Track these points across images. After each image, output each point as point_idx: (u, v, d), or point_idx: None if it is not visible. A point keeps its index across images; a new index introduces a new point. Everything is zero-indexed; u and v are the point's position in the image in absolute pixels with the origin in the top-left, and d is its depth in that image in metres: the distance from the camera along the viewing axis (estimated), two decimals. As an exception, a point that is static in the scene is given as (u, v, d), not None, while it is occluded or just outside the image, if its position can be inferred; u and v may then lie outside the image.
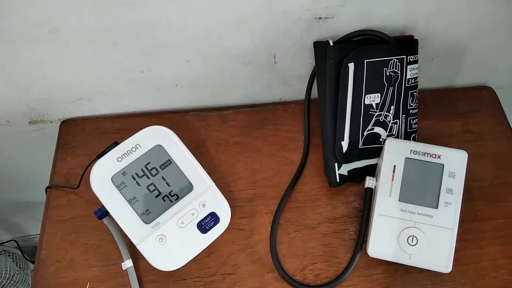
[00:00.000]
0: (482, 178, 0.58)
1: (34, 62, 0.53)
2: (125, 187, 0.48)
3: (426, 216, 0.49)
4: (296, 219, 0.55)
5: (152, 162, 0.49)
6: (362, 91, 0.53)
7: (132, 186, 0.48)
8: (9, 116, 0.63)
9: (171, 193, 0.49)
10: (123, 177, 0.48)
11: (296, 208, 0.56)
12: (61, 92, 0.59)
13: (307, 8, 0.50)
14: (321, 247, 0.53)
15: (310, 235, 0.54)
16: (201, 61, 0.56)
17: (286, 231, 0.54)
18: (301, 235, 0.54)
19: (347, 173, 0.56)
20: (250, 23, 0.51)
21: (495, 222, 0.55)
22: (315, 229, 0.54)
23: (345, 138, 0.54)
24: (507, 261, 0.52)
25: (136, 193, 0.48)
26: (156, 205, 0.48)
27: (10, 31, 0.48)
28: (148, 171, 0.49)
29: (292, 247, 0.53)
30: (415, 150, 0.51)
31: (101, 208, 0.49)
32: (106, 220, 0.50)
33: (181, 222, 0.49)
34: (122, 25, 0.49)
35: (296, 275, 0.51)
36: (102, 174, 0.48)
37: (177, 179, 0.50)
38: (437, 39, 0.58)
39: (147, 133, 0.50)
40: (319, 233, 0.54)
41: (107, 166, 0.48)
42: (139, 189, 0.48)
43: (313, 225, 0.55)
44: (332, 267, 0.52)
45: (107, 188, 0.47)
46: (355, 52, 0.52)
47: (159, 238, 0.48)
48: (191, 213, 0.49)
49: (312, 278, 0.51)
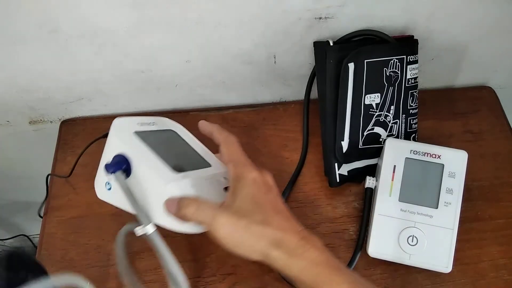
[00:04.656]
0: (482, 178, 0.58)
1: (34, 62, 0.53)
2: (150, 142, 0.43)
3: (426, 216, 0.49)
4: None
5: (172, 137, 0.49)
6: (362, 91, 0.53)
7: (156, 146, 0.43)
8: (9, 116, 0.63)
9: (197, 158, 0.49)
10: (146, 136, 0.44)
11: (296, 208, 0.56)
12: (61, 92, 0.59)
13: (307, 8, 0.50)
14: (321, 247, 0.53)
15: (310, 235, 0.54)
16: (201, 61, 0.56)
17: (286, 231, 0.54)
18: (301, 235, 0.54)
19: (347, 173, 0.56)
20: (250, 23, 0.51)
21: (495, 222, 0.55)
22: (315, 229, 0.54)
23: (345, 138, 0.54)
24: (507, 261, 0.52)
25: (161, 153, 0.43)
26: (183, 163, 0.45)
27: (10, 31, 0.48)
28: (169, 143, 0.48)
29: (292, 247, 0.53)
30: (415, 150, 0.51)
31: (115, 158, 0.42)
32: (118, 175, 0.41)
33: (209, 182, 0.45)
34: (122, 25, 0.49)
35: (296, 275, 0.51)
36: (124, 127, 0.44)
37: (195, 157, 0.49)
38: (437, 39, 0.58)
39: (159, 119, 0.50)
40: (319, 233, 0.54)
41: (128, 123, 0.45)
42: (163, 151, 0.44)
43: (313, 225, 0.55)
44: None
45: (130, 138, 0.43)
46: (355, 52, 0.52)
47: (190, 185, 0.42)
48: (216, 179, 0.47)
49: (312, 278, 0.51)
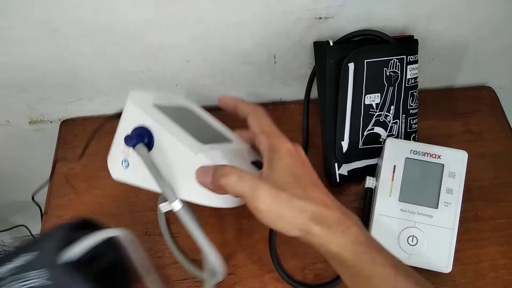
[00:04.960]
0: (482, 178, 0.58)
1: (34, 62, 0.53)
2: (171, 115, 0.40)
3: (426, 216, 0.49)
4: (296, 219, 0.55)
5: (187, 114, 0.45)
6: (362, 91, 0.53)
7: (178, 120, 0.40)
8: (9, 116, 0.63)
9: (214, 135, 0.45)
10: (165, 110, 0.40)
11: (296, 208, 0.56)
12: (61, 92, 0.59)
13: (307, 8, 0.50)
14: (321, 247, 0.53)
15: (310, 235, 0.54)
16: (201, 61, 0.56)
17: (286, 231, 0.54)
18: (301, 235, 0.54)
19: (347, 173, 0.56)
20: (250, 23, 0.51)
21: (495, 222, 0.55)
22: (315, 229, 0.54)
23: (345, 138, 0.54)
24: (507, 261, 0.52)
25: (184, 125, 0.40)
26: (207, 137, 0.41)
27: (10, 31, 0.48)
28: (188, 118, 0.44)
29: (292, 247, 0.53)
30: (415, 150, 0.51)
31: (135, 131, 0.38)
32: (140, 148, 0.37)
33: (235, 155, 0.42)
34: (122, 25, 0.49)
35: (296, 275, 0.51)
36: (141, 99, 0.40)
37: (215, 133, 0.45)
38: (437, 39, 0.58)
39: (174, 96, 0.47)
40: (319, 233, 0.54)
41: (145, 96, 0.41)
42: (185, 124, 0.40)
43: (313, 225, 0.55)
44: (332, 267, 0.52)
45: (150, 109, 0.39)
46: (355, 52, 0.52)
47: (220, 156, 0.39)
48: (240, 154, 0.43)
49: (312, 278, 0.51)
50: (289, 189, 0.35)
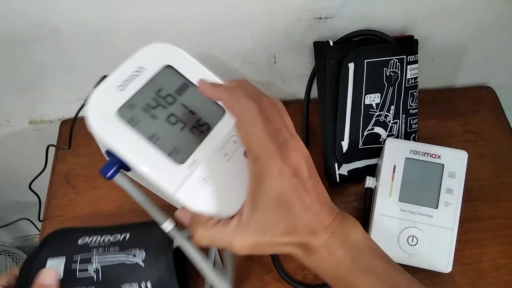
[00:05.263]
0: (482, 178, 0.58)
1: (34, 62, 0.53)
2: (138, 122, 0.34)
3: (426, 216, 0.49)
4: (296, 219, 0.55)
5: (164, 88, 0.37)
6: (362, 91, 0.53)
7: (147, 121, 0.35)
8: (9, 116, 0.63)
9: (199, 122, 0.37)
10: (132, 110, 0.35)
11: (296, 208, 0.56)
12: (61, 92, 0.59)
13: (307, 8, 0.50)
14: (321, 247, 0.53)
15: (310, 235, 0.54)
16: (201, 61, 0.56)
17: (286, 231, 0.54)
18: (301, 235, 0.54)
19: (347, 173, 0.56)
20: (250, 23, 0.51)
21: (495, 222, 0.55)
22: (315, 229, 0.54)
23: (345, 138, 0.54)
24: (507, 261, 0.52)
25: (155, 129, 0.35)
26: (185, 140, 0.36)
27: (10, 31, 0.48)
28: (163, 99, 0.36)
29: (292, 247, 0.53)
30: (415, 150, 0.51)
31: (109, 160, 0.34)
32: (119, 178, 0.35)
33: (223, 154, 0.37)
34: (122, 25, 0.49)
35: (296, 275, 0.51)
36: (102, 110, 0.34)
37: (202, 104, 0.37)
38: (437, 39, 0.58)
39: (148, 53, 0.37)
40: (319, 233, 0.54)
41: (106, 98, 0.34)
42: (157, 123, 0.35)
43: (313, 225, 0.55)
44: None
45: (114, 127, 0.34)
46: (355, 52, 0.52)
47: (202, 179, 0.35)
48: (233, 140, 0.37)
49: (312, 278, 0.51)
50: (272, 228, 0.32)
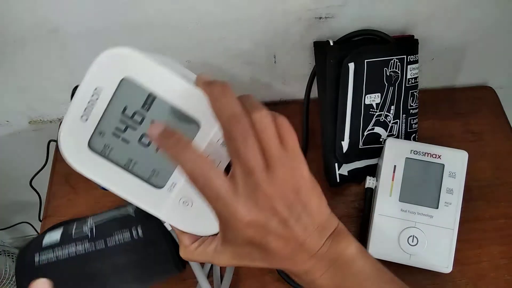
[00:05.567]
0: (482, 178, 0.58)
1: (34, 62, 0.53)
2: (112, 150, 0.34)
3: (426, 216, 0.49)
4: (296, 219, 0.55)
5: (129, 106, 0.33)
6: (362, 91, 0.53)
7: (120, 147, 0.34)
8: (9, 116, 0.63)
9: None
10: (102, 139, 0.34)
11: (296, 208, 0.56)
12: (61, 92, 0.59)
13: (307, 8, 0.50)
14: (321, 247, 0.53)
15: (310, 235, 0.54)
16: (201, 62, 0.56)
17: (286, 231, 0.54)
18: (301, 235, 0.54)
19: (347, 173, 0.56)
20: (250, 23, 0.51)
21: (495, 222, 0.55)
22: (315, 229, 0.54)
23: (345, 138, 0.54)
24: (507, 261, 0.52)
25: (130, 154, 0.34)
26: (162, 161, 0.35)
27: (10, 31, 0.48)
28: (130, 120, 0.33)
29: (292, 247, 0.53)
30: (415, 150, 0.51)
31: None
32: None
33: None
34: (122, 25, 0.49)
35: (296, 275, 0.51)
36: (74, 146, 0.34)
37: (174, 117, 0.34)
38: (437, 39, 0.58)
39: (100, 68, 0.32)
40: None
41: (74, 133, 0.33)
42: (130, 147, 0.34)
43: (313, 225, 0.55)
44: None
45: (89, 160, 0.34)
46: (355, 52, 0.52)
47: (182, 202, 0.35)
48: (212, 147, 0.35)
49: (312, 278, 0.51)
50: (248, 257, 0.33)
